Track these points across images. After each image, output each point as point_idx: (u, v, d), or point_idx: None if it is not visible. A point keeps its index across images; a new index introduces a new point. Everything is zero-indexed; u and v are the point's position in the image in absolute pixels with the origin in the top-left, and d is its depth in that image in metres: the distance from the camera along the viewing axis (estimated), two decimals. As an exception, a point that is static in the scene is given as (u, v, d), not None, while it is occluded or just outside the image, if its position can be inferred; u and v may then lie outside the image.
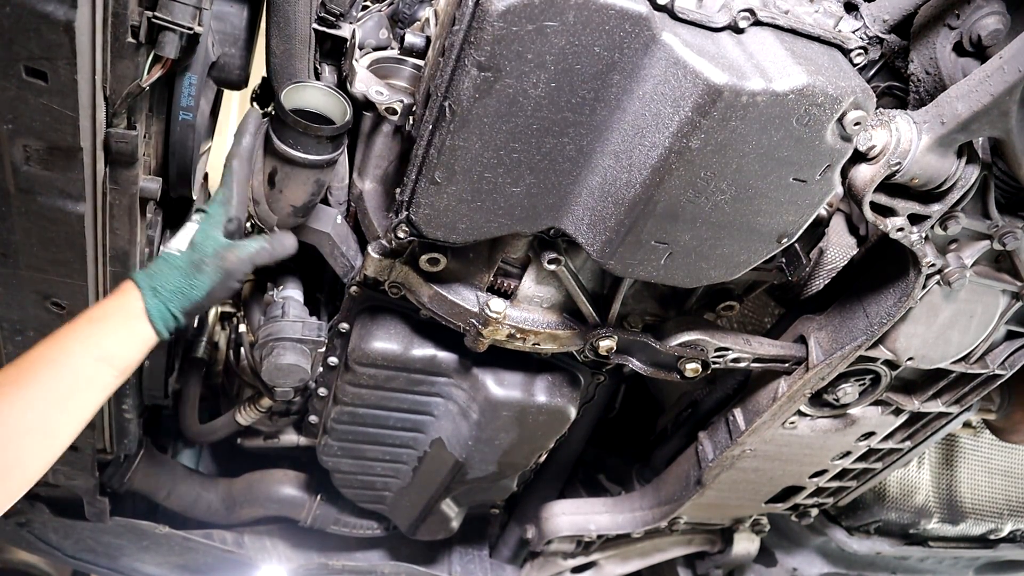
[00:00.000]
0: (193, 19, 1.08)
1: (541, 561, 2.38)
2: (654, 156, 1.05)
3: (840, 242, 1.68)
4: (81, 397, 1.15)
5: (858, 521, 2.41)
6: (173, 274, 1.24)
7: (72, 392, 1.13)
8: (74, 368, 1.14)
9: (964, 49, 1.17)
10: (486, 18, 0.94)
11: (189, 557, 2.11)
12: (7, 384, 1.09)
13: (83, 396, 1.15)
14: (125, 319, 1.20)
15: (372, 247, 1.37)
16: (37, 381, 1.11)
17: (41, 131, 1.01)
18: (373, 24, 1.43)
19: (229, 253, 1.27)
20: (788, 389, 1.61)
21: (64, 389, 1.13)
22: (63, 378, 1.13)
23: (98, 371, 1.16)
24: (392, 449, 1.79)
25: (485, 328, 1.39)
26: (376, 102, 1.27)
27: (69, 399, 1.13)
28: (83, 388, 1.15)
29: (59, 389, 1.12)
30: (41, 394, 1.11)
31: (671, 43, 0.99)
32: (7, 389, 1.09)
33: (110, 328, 1.19)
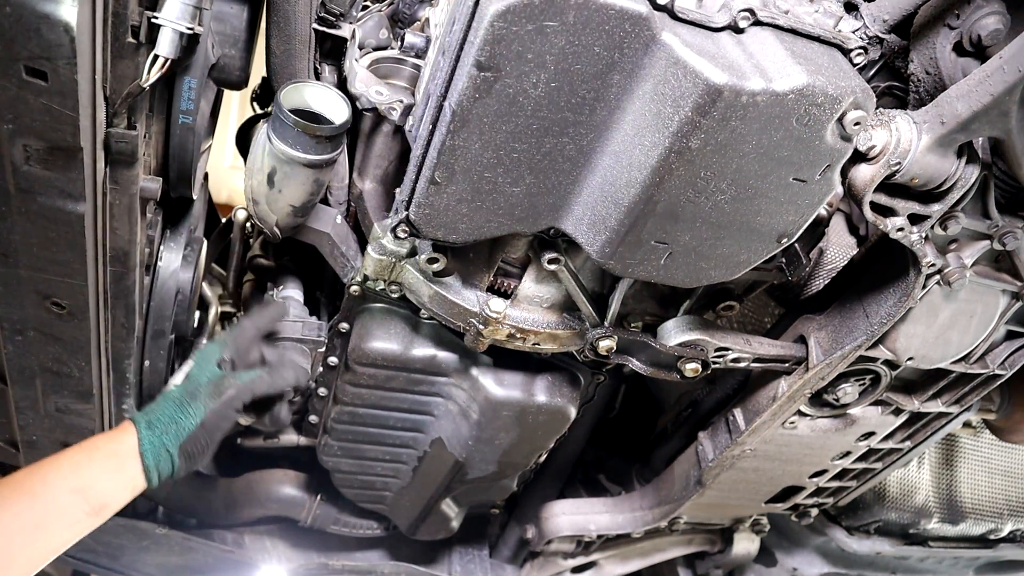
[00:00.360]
0: (193, 19, 1.08)
1: (541, 561, 2.38)
2: (654, 156, 1.05)
3: (840, 242, 1.69)
4: (50, 532, 1.09)
5: (858, 521, 2.41)
6: (167, 404, 1.23)
7: (39, 525, 1.07)
8: (48, 499, 1.08)
9: (964, 49, 1.17)
10: (486, 18, 0.94)
11: (189, 557, 2.11)
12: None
13: (51, 530, 1.09)
14: (114, 454, 1.17)
15: (372, 247, 1.37)
16: (6, 507, 1.06)
17: (41, 131, 1.01)
18: (373, 24, 1.43)
19: (223, 381, 1.26)
20: (788, 389, 1.61)
21: (32, 521, 1.07)
22: (34, 508, 1.07)
23: (71, 504, 1.10)
24: (392, 449, 1.79)
25: (485, 328, 1.39)
26: (376, 102, 1.27)
27: (37, 531, 1.07)
28: (53, 521, 1.09)
29: (27, 521, 1.06)
30: (7, 523, 1.05)
31: (671, 43, 0.99)
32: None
33: (96, 462, 1.15)
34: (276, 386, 1.34)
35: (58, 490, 1.10)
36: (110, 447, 1.17)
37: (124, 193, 1.21)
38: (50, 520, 1.08)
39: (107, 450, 1.17)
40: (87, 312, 1.30)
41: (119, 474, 1.16)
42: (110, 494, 1.15)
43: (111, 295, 1.34)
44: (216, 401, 1.25)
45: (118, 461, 1.17)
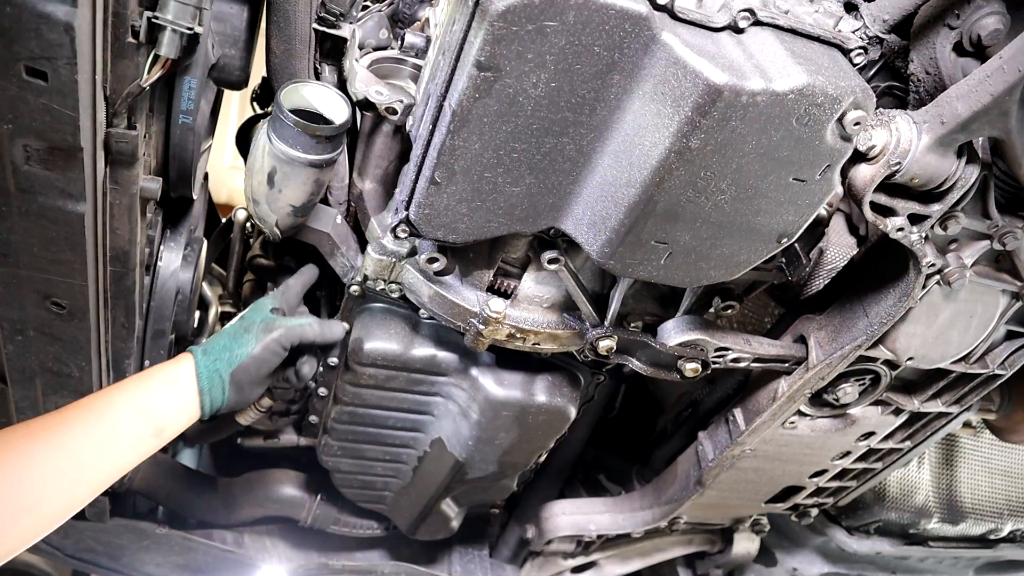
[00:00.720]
0: (193, 19, 1.08)
1: (541, 561, 2.38)
2: (654, 156, 1.05)
3: (840, 242, 1.68)
4: (118, 449, 1.15)
5: (858, 521, 2.41)
6: (222, 336, 1.33)
7: (109, 442, 1.13)
8: (113, 418, 1.15)
9: (964, 49, 1.17)
10: (486, 18, 0.94)
11: (189, 557, 2.11)
12: (49, 425, 1.10)
13: (120, 448, 1.15)
14: (172, 378, 1.24)
15: (372, 247, 1.37)
16: (78, 425, 1.11)
17: (41, 131, 1.01)
18: (373, 24, 1.43)
19: (275, 321, 1.36)
20: (788, 389, 1.61)
21: (101, 437, 1.13)
22: (103, 426, 1.13)
23: (135, 424, 1.17)
24: (392, 449, 1.79)
25: (485, 328, 1.39)
26: (376, 102, 1.27)
27: (105, 448, 1.13)
28: (121, 440, 1.15)
29: (96, 436, 1.12)
30: (75, 437, 1.10)
31: (671, 43, 0.99)
32: (48, 430, 1.09)
33: (156, 385, 1.22)
34: (324, 336, 1.42)
35: (123, 411, 1.16)
36: (168, 371, 1.25)
37: (124, 193, 1.21)
38: (117, 438, 1.14)
39: (165, 374, 1.24)
40: (87, 312, 1.30)
41: (176, 398, 1.23)
42: (169, 417, 1.21)
43: (111, 295, 1.34)
44: (267, 335, 1.33)
45: (175, 385, 1.24)
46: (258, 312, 1.38)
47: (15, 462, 1.05)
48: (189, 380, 1.25)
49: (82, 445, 1.11)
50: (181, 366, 1.27)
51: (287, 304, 1.45)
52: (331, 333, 1.44)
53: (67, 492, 1.09)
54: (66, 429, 1.10)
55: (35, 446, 1.07)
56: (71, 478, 1.09)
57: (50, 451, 1.08)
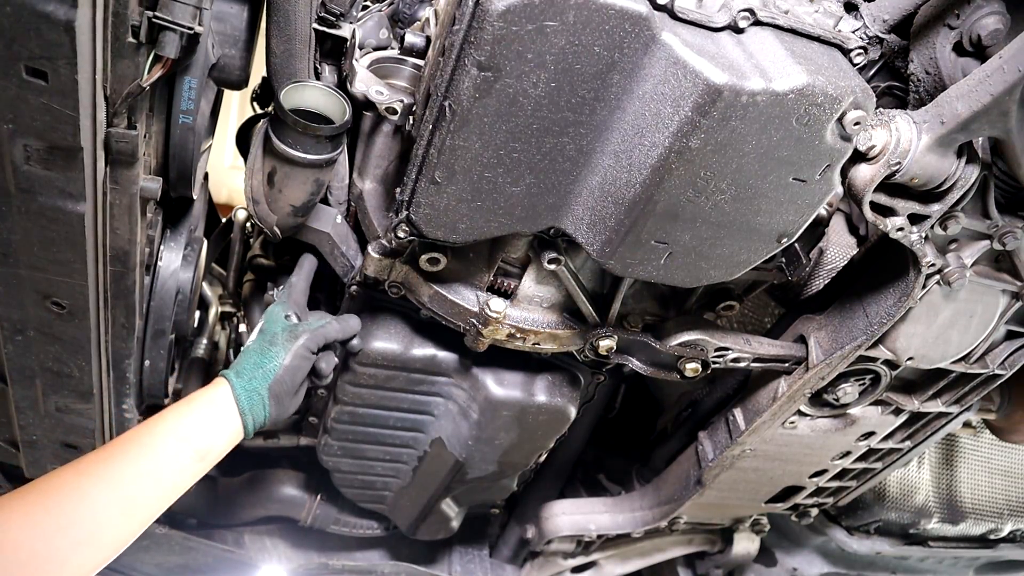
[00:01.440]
0: (193, 19, 1.08)
1: (541, 561, 2.38)
2: (654, 156, 1.05)
3: (840, 242, 1.69)
4: (163, 478, 1.18)
5: (858, 521, 2.41)
6: (250, 355, 1.34)
7: (154, 472, 1.17)
8: (157, 449, 1.18)
9: (964, 49, 1.17)
10: (486, 18, 0.94)
11: (189, 557, 2.11)
12: (96, 461, 1.13)
13: (165, 477, 1.19)
14: (211, 403, 1.27)
15: (372, 247, 1.37)
16: (123, 459, 1.15)
17: (41, 131, 1.01)
18: (373, 24, 1.43)
19: (296, 327, 1.39)
20: (788, 389, 1.61)
21: (147, 468, 1.16)
22: (147, 457, 1.17)
23: (179, 451, 1.20)
24: (392, 449, 1.79)
25: (485, 328, 1.39)
26: (376, 102, 1.28)
27: (151, 478, 1.16)
28: (165, 468, 1.19)
29: (142, 468, 1.16)
30: (124, 471, 1.14)
31: (671, 43, 0.99)
32: (95, 466, 1.13)
33: (196, 412, 1.25)
34: (345, 332, 1.46)
35: (166, 441, 1.20)
36: (206, 397, 1.28)
37: (124, 193, 1.21)
38: (161, 468, 1.18)
39: (204, 400, 1.27)
40: (87, 312, 1.30)
41: (218, 422, 1.27)
42: (212, 440, 1.25)
43: (111, 295, 1.34)
44: (294, 343, 1.35)
45: (216, 410, 1.27)
46: (275, 323, 1.40)
47: (66, 499, 1.08)
48: (228, 403, 1.28)
49: (129, 478, 1.14)
50: (218, 391, 1.29)
51: (297, 305, 1.47)
52: (350, 327, 1.47)
53: (119, 525, 1.12)
54: (112, 464, 1.14)
55: (83, 482, 1.10)
56: (121, 511, 1.12)
57: (99, 487, 1.11)
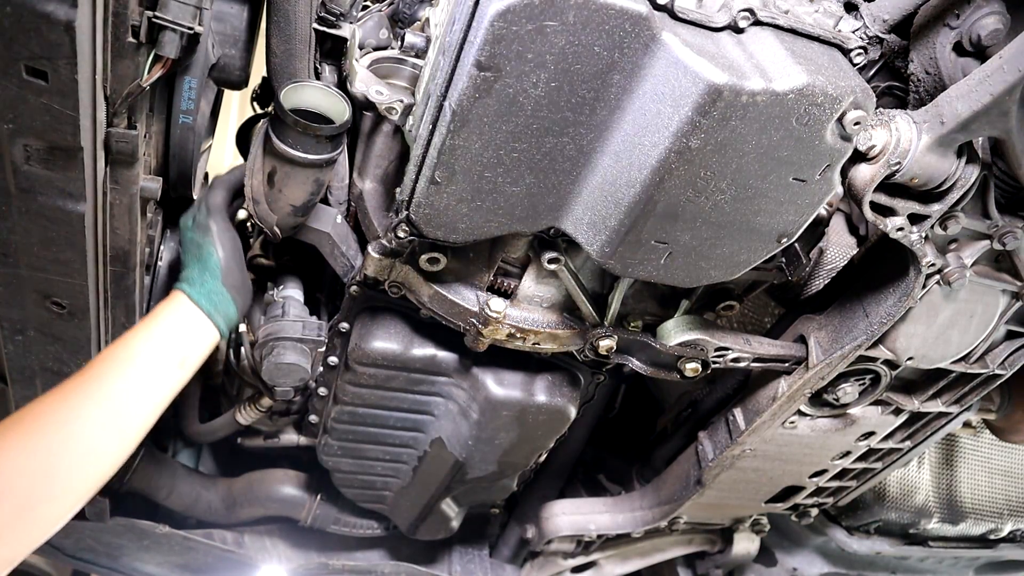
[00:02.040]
0: (193, 19, 1.08)
1: (541, 561, 2.38)
2: (654, 156, 1.05)
3: (840, 242, 1.69)
4: (148, 388, 1.20)
5: (858, 521, 2.41)
6: (190, 266, 1.34)
7: (138, 383, 1.19)
8: (138, 361, 1.20)
9: (964, 49, 1.17)
10: (486, 18, 0.94)
11: (189, 557, 2.11)
12: (80, 381, 1.14)
13: (150, 387, 1.20)
14: (175, 315, 1.28)
15: (372, 247, 1.37)
16: (106, 375, 1.16)
17: (41, 131, 1.01)
18: (373, 24, 1.43)
19: (199, 217, 1.38)
20: (788, 389, 1.61)
21: (131, 381, 1.18)
22: (129, 370, 1.18)
23: (159, 362, 1.22)
24: (392, 449, 1.79)
25: (485, 328, 1.39)
26: (376, 102, 1.27)
27: (136, 390, 1.18)
28: (149, 378, 1.20)
29: (126, 381, 1.17)
30: (110, 386, 1.15)
31: (671, 43, 0.99)
32: (81, 386, 1.13)
33: (164, 326, 1.26)
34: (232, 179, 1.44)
35: (144, 352, 1.21)
36: (168, 310, 1.28)
37: (124, 193, 1.21)
38: (146, 377, 1.20)
39: (167, 313, 1.28)
40: (87, 312, 1.30)
41: (188, 329, 1.28)
42: (187, 347, 1.27)
43: (111, 295, 1.34)
44: (212, 232, 1.35)
45: (181, 318, 1.28)
46: (186, 230, 1.40)
47: (58, 421, 1.09)
48: (192, 312, 1.29)
49: (116, 392, 1.15)
50: (178, 303, 1.29)
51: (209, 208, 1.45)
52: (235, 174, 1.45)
53: (112, 440, 1.14)
54: (97, 381, 1.15)
55: (72, 402, 1.11)
56: (113, 425, 1.14)
57: (87, 405, 1.12)
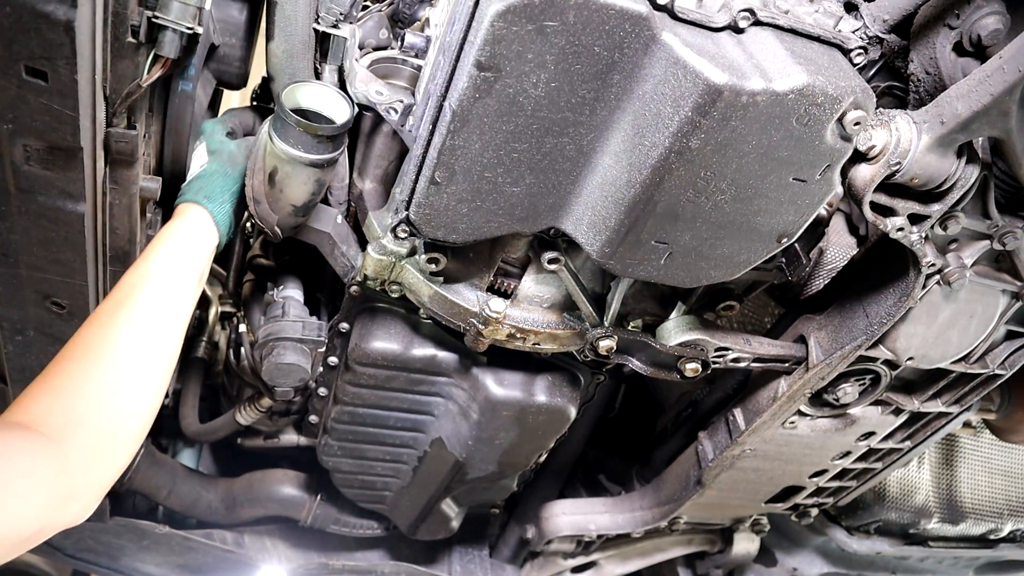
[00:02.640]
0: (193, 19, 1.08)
1: (541, 561, 2.38)
2: (654, 156, 1.05)
3: (840, 242, 1.69)
4: (177, 306, 1.20)
5: (858, 521, 2.41)
6: (214, 178, 1.31)
7: (169, 302, 1.19)
8: (167, 281, 1.20)
9: (964, 49, 1.17)
10: (486, 18, 0.94)
11: (189, 557, 2.11)
12: (111, 310, 1.13)
13: (178, 305, 1.20)
14: (195, 231, 1.27)
15: (372, 247, 1.37)
16: (138, 299, 1.15)
17: (41, 131, 1.01)
18: (373, 24, 1.43)
19: (244, 143, 1.36)
20: (788, 389, 1.61)
21: (162, 301, 1.18)
22: (160, 291, 1.18)
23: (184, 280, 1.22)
24: (392, 449, 1.79)
25: (485, 328, 1.39)
26: (376, 102, 1.27)
27: (168, 309, 1.18)
28: (177, 297, 1.20)
29: (158, 302, 1.17)
30: (149, 312, 1.15)
31: (671, 43, 0.99)
32: (112, 316, 1.12)
33: (186, 243, 1.25)
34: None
35: (170, 271, 1.21)
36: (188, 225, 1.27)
37: (124, 193, 1.21)
38: (175, 296, 1.20)
39: (187, 228, 1.27)
40: (87, 312, 1.30)
41: (204, 246, 1.28)
42: (204, 263, 1.27)
43: (111, 295, 1.34)
44: (243, 161, 1.33)
45: (199, 235, 1.27)
46: (222, 142, 1.37)
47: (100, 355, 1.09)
48: (209, 228, 1.29)
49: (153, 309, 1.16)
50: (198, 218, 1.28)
51: (241, 121, 1.45)
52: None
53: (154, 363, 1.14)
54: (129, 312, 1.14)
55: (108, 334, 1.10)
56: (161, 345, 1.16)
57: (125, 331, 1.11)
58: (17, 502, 0.92)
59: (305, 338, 1.52)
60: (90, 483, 1.04)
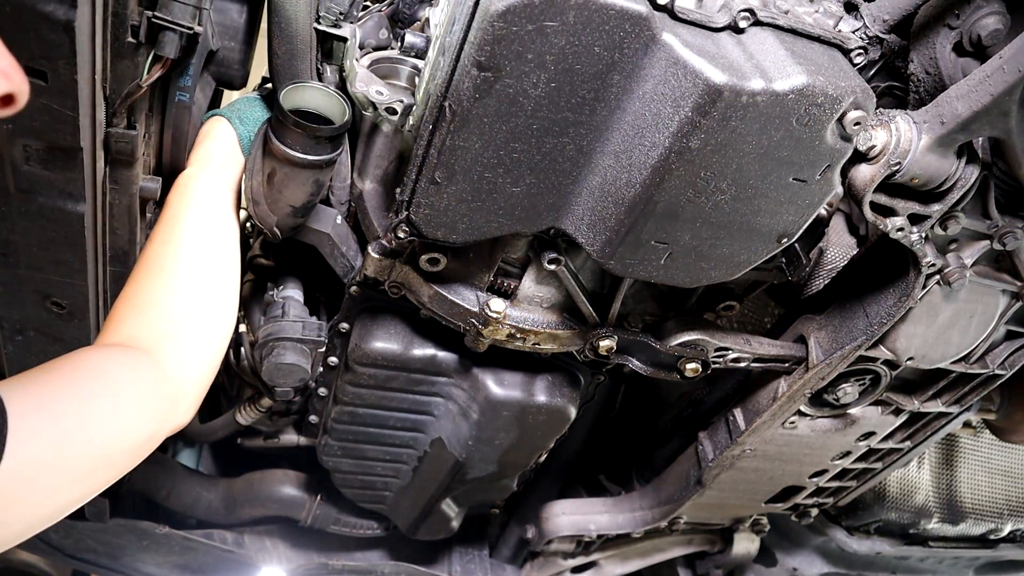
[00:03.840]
0: (193, 19, 1.08)
1: (541, 561, 2.38)
2: (654, 156, 1.05)
3: (840, 242, 1.68)
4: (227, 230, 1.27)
5: (858, 521, 2.41)
6: (253, 105, 1.38)
7: (221, 227, 1.25)
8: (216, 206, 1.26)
9: (964, 49, 1.17)
10: (486, 18, 0.94)
11: (189, 557, 2.11)
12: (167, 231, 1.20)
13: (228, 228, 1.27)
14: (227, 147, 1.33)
15: (372, 247, 1.37)
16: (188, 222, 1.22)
17: (41, 131, 1.01)
18: (373, 24, 1.43)
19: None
20: (788, 389, 1.61)
21: (214, 228, 1.25)
22: (210, 219, 1.25)
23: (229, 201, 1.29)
24: (392, 449, 1.79)
25: (485, 328, 1.39)
26: (376, 102, 1.27)
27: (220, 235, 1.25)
28: (226, 220, 1.27)
29: (203, 233, 1.23)
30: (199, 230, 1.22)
31: (671, 43, 0.99)
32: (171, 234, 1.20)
33: (224, 163, 1.31)
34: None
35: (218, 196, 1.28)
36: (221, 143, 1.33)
37: (124, 193, 1.21)
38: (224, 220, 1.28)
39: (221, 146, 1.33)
40: (87, 312, 1.30)
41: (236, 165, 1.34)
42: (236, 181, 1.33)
43: (111, 295, 1.34)
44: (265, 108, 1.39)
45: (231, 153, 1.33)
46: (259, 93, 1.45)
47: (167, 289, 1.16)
48: (236, 147, 1.34)
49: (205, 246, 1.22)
50: (228, 136, 1.34)
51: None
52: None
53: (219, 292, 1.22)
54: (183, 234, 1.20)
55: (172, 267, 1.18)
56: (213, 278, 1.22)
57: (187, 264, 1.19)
58: (128, 413, 0.99)
59: (305, 338, 1.52)
60: (189, 385, 1.13)
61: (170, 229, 1.21)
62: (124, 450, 0.98)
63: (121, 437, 0.98)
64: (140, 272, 1.17)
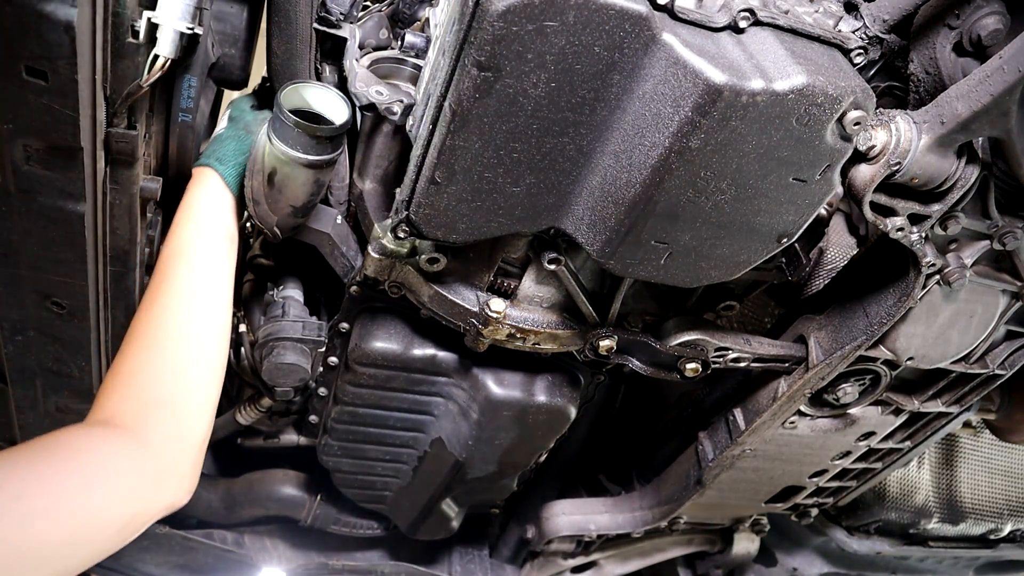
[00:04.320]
0: (193, 19, 1.08)
1: (541, 561, 2.38)
2: (654, 156, 1.05)
3: (840, 242, 1.68)
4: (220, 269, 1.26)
5: (858, 521, 2.41)
6: (227, 142, 1.34)
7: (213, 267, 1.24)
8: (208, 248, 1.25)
9: (964, 49, 1.17)
10: (486, 18, 0.94)
11: (189, 557, 2.11)
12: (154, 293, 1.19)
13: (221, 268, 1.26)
14: (213, 194, 1.31)
15: (372, 247, 1.37)
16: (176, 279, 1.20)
17: (41, 131, 1.01)
18: (373, 24, 1.43)
19: (264, 114, 1.39)
20: (788, 389, 1.61)
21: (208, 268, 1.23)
22: (203, 258, 1.24)
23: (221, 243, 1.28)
24: (392, 449, 1.79)
25: (485, 328, 1.39)
26: (376, 102, 1.28)
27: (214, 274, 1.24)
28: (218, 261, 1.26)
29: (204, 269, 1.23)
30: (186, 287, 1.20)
31: (671, 43, 0.99)
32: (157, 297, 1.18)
33: (211, 206, 1.30)
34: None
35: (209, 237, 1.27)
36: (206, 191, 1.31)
37: (124, 193, 1.21)
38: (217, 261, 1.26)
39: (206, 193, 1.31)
40: (87, 312, 1.30)
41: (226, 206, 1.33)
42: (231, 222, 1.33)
43: (111, 295, 1.34)
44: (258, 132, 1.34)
45: (219, 197, 1.32)
46: (245, 112, 1.41)
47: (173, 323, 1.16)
48: (223, 190, 1.32)
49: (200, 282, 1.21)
50: (211, 182, 1.32)
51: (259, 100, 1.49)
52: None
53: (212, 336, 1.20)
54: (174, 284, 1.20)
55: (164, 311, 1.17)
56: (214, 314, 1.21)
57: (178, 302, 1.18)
58: (101, 494, 0.94)
59: (305, 338, 1.52)
60: (176, 460, 1.08)
61: (157, 289, 1.19)
62: (97, 532, 0.93)
63: (94, 519, 0.92)
64: (128, 339, 1.15)
